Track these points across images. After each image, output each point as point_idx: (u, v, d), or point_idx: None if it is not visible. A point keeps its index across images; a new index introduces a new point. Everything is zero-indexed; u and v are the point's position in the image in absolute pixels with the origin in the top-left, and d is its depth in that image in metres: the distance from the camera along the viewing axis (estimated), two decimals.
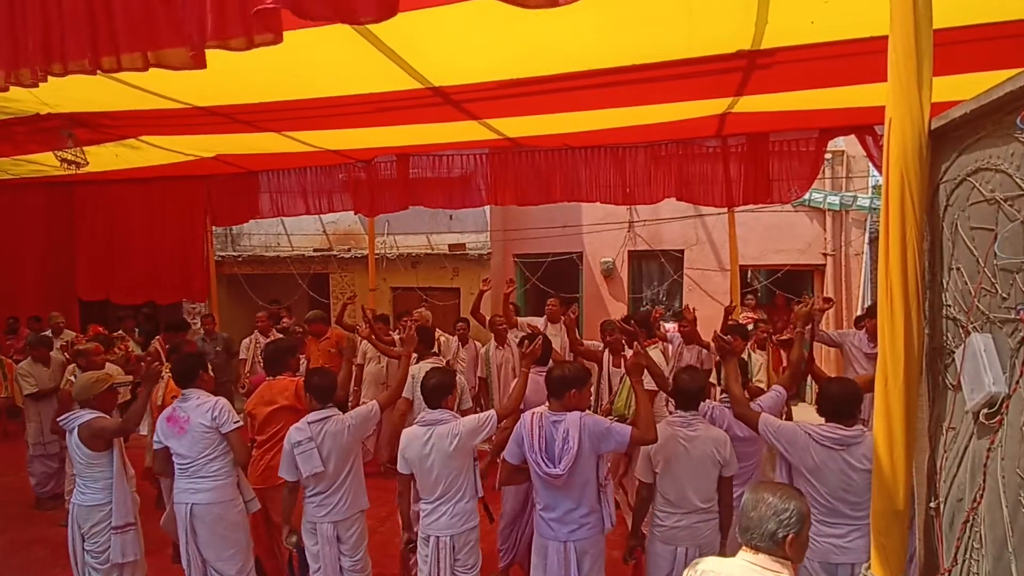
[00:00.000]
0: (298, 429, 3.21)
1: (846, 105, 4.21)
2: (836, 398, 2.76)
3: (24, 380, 5.62)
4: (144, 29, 2.08)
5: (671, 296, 9.96)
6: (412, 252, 9.81)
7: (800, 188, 5.61)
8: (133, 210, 7.42)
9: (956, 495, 1.49)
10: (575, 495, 2.82)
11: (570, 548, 2.83)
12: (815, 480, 2.68)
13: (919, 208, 1.51)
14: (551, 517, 2.88)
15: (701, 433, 2.99)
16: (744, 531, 1.74)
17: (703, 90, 3.90)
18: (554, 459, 2.77)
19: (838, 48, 3.01)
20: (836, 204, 8.72)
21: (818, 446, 2.67)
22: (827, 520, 2.67)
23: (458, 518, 3.04)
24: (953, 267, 1.52)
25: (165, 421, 3.37)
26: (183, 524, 3.32)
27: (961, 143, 1.48)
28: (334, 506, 3.24)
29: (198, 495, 3.32)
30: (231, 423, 3.33)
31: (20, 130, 4.36)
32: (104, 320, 8.30)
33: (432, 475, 3.03)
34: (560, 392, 2.87)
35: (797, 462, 2.73)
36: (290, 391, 3.79)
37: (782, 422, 2.90)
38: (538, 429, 2.84)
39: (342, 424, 3.21)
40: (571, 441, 2.72)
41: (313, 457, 3.14)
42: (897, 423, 1.55)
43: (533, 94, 3.75)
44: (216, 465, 3.35)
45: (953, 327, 1.54)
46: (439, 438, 3.01)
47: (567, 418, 2.81)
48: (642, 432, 2.77)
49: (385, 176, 6.52)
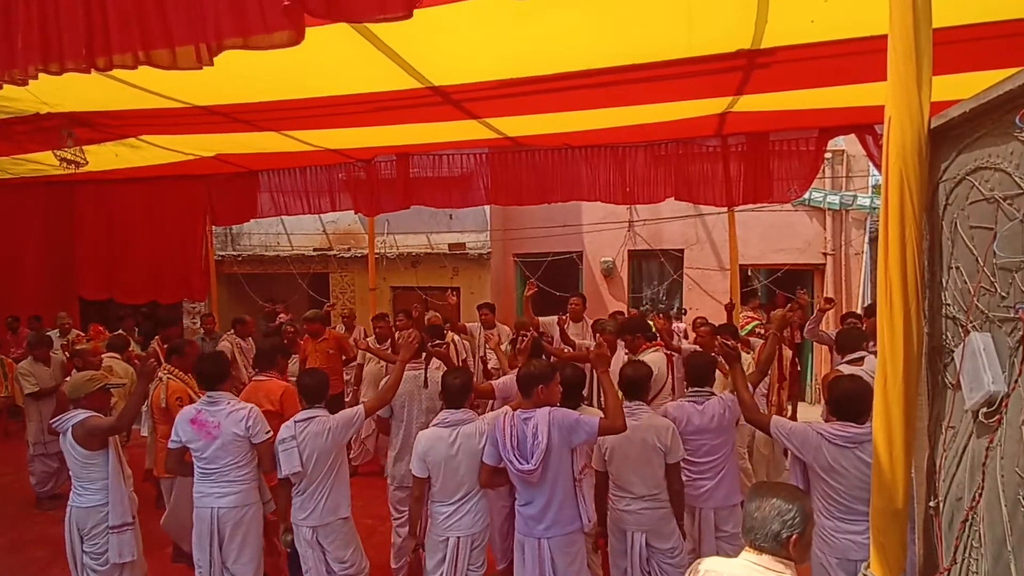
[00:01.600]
0: (286, 427, 3.25)
1: (846, 104, 4.22)
2: (847, 397, 2.74)
3: (25, 380, 5.62)
4: (155, 26, 2.05)
5: (671, 296, 9.97)
6: (412, 251, 9.81)
7: (800, 187, 5.62)
8: (133, 210, 7.41)
9: (956, 494, 1.50)
10: (548, 491, 2.87)
11: (544, 545, 2.88)
12: (830, 479, 2.69)
13: (918, 207, 1.51)
14: (528, 514, 2.93)
15: (644, 422, 3.13)
16: (748, 531, 1.74)
17: (703, 89, 3.90)
18: (526, 455, 2.82)
19: (838, 47, 3.01)
20: (836, 203, 8.72)
21: (831, 445, 2.67)
22: (845, 517, 2.68)
23: (480, 516, 3.08)
24: (952, 266, 1.52)
25: (189, 423, 3.31)
26: (208, 528, 3.30)
27: (960, 142, 1.48)
28: (312, 510, 3.23)
29: (224, 499, 3.30)
30: (263, 434, 3.33)
31: (20, 129, 4.35)
32: (104, 319, 8.31)
33: (458, 475, 3.04)
34: (528, 389, 2.94)
35: (811, 462, 2.75)
36: (276, 395, 3.76)
37: (793, 423, 2.94)
38: (510, 428, 2.89)
39: (324, 426, 3.21)
40: (540, 436, 2.79)
41: (293, 456, 3.15)
42: (896, 422, 1.55)
43: (533, 93, 3.75)
44: (244, 471, 3.35)
45: (952, 326, 1.55)
46: (466, 438, 3.03)
47: (536, 414, 2.87)
48: (610, 421, 2.83)
49: (385, 175, 6.53)
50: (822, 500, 2.74)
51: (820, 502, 2.73)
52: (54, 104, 3.83)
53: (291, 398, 3.73)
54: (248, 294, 9.93)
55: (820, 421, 2.91)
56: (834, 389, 2.84)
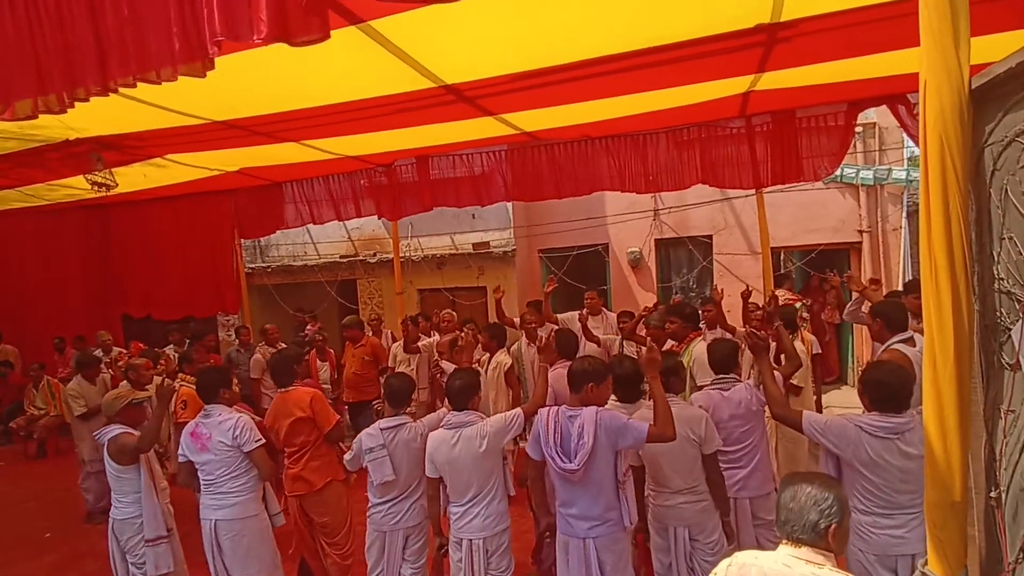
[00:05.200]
0: (370, 435, 3.23)
1: (875, 75, 4.03)
2: (885, 385, 2.56)
3: (74, 401, 5.66)
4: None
5: (701, 283, 9.76)
6: (437, 253, 9.82)
7: (831, 164, 5.43)
8: (165, 228, 7.64)
9: (1019, 484, 1.38)
10: (592, 491, 2.78)
11: (590, 545, 2.80)
12: (871, 473, 2.53)
13: (962, 175, 1.40)
14: (570, 513, 2.85)
15: (675, 413, 2.96)
16: (784, 524, 1.68)
17: (723, 69, 3.77)
18: (569, 454, 2.75)
19: (863, 14, 2.86)
20: (870, 179, 8.39)
21: (871, 438, 2.52)
22: (884, 512, 2.54)
23: (491, 520, 3.02)
24: (1005, 236, 1.40)
25: (189, 436, 3.40)
26: (208, 539, 3.37)
27: (1007, 100, 1.36)
28: (403, 513, 3.26)
29: (221, 511, 3.35)
30: (252, 442, 3.34)
31: (52, 156, 4.49)
32: (146, 336, 8.57)
33: (463, 477, 3.01)
34: (578, 386, 2.86)
35: (850, 457, 2.58)
36: (305, 403, 3.78)
37: (828, 417, 2.75)
38: (554, 424, 2.82)
39: (415, 432, 3.22)
40: (586, 436, 2.70)
41: (385, 465, 3.16)
42: (949, 408, 1.45)
43: (546, 85, 3.68)
44: (239, 481, 3.37)
45: (1008, 301, 1.43)
46: (467, 440, 2.99)
47: (583, 413, 2.78)
48: (660, 429, 2.72)
49: (406, 179, 6.57)
50: (860, 495, 2.58)
51: (857, 497, 2.58)
52: (80, 129, 3.93)
53: (320, 402, 3.75)
54: (279, 304, 10.10)
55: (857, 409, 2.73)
56: (870, 378, 2.65)
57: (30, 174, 5.02)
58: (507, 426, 3.04)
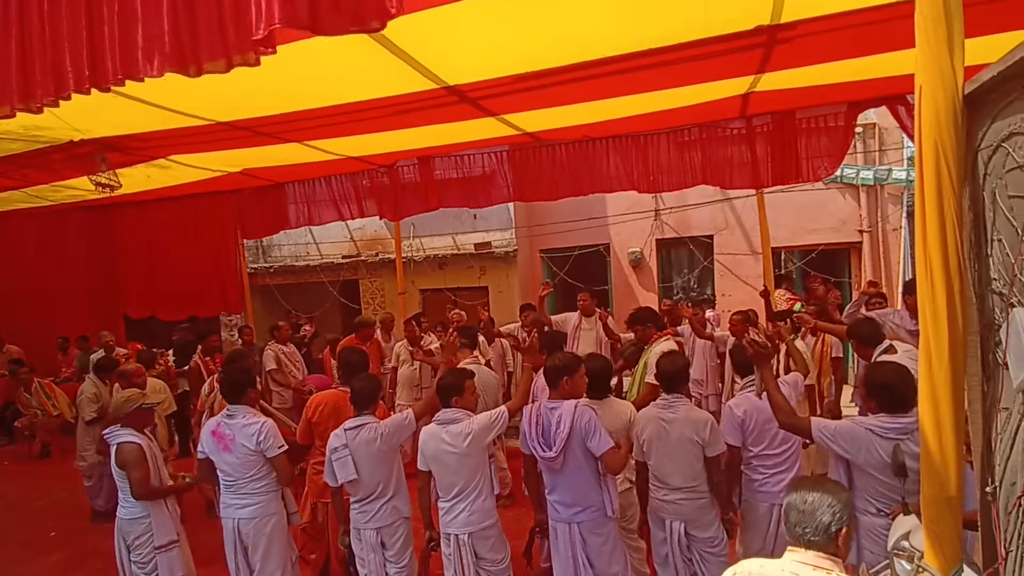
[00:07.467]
0: (336, 436, 3.28)
1: (875, 75, 4.05)
2: (889, 386, 2.54)
3: (89, 404, 5.57)
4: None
5: (702, 283, 9.78)
6: (438, 253, 9.86)
7: (831, 165, 5.45)
8: (168, 229, 7.65)
9: (1010, 479, 1.41)
10: (572, 478, 3.00)
11: (575, 529, 3.01)
12: (883, 475, 2.50)
13: (956, 178, 1.43)
14: (556, 500, 3.07)
15: (681, 415, 3.12)
16: (794, 526, 1.68)
17: (724, 70, 3.80)
18: (550, 443, 2.98)
19: (862, 16, 2.89)
20: (869, 179, 8.42)
21: (883, 440, 2.49)
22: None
23: (476, 515, 3.10)
24: (995, 238, 1.43)
25: (210, 434, 3.42)
26: (231, 538, 3.41)
27: (995, 107, 1.39)
28: (375, 513, 3.28)
29: (243, 510, 3.39)
30: (276, 448, 3.37)
31: (56, 157, 4.52)
32: (149, 336, 8.60)
33: (449, 472, 3.11)
34: (555, 382, 3.08)
35: (863, 462, 2.53)
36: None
37: (837, 423, 2.69)
38: (536, 417, 3.06)
39: (375, 432, 3.25)
40: (563, 426, 2.94)
41: (347, 464, 3.19)
42: (944, 405, 1.48)
43: (548, 86, 3.71)
44: (261, 483, 3.41)
45: (1000, 301, 1.46)
46: (453, 437, 3.07)
47: (562, 405, 3.01)
48: (612, 462, 2.95)
49: (408, 180, 6.59)
50: (872, 498, 2.57)
51: (869, 500, 2.57)
52: (85, 131, 3.96)
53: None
54: (281, 304, 10.14)
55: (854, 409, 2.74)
56: (875, 381, 2.63)
57: (35, 176, 5.05)
58: (492, 423, 3.11)
